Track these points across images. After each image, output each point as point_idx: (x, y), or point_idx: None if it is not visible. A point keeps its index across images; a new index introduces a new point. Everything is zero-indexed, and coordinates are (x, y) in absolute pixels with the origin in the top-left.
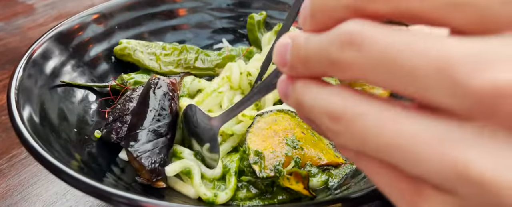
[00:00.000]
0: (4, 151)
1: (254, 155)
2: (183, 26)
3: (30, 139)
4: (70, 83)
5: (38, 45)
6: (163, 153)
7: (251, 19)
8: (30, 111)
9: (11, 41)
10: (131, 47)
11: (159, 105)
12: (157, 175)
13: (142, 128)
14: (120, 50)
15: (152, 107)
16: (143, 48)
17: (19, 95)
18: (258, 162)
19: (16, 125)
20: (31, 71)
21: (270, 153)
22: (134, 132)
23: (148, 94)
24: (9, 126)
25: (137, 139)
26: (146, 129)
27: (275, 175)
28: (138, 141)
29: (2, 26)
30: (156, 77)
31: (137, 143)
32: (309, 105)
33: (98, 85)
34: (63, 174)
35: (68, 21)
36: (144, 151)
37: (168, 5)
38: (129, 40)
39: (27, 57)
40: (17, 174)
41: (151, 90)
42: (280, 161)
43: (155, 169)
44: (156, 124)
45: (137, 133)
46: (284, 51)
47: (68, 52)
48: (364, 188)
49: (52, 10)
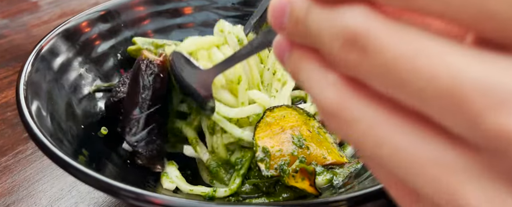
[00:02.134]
0: (10, 147)
1: (262, 152)
2: (188, 25)
3: (39, 133)
4: (97, 89)
5: (46, 41)
6: (159, 138)
7: None
8: (38, 106)
9: (16, 38)
10: (146, 49)
11: (149, 88)
12: (155, 161)
13: (136, 115)
14: (134, 51)
15: (141, 90)
16: (157, 49)
17: (28, 91)
18: (265, 160)
19: (25, 119)
20: (39, 67)
21: (277, 152)
22: (128, 118)
23: (137, 77)
24: (15, 122)
25: (132, 126)
26: (140, 116)
27: (280, 174)
28: (133, 128)
29: (6, 23)
30: (145, 57)
31: (132, 131)
32: (316, 27)
33: None
34: (72, 168)
35: (75, 18)
36: (141, 140)
37: (174, 3)
38: (143, 39)
39: (35, 53)
40: (22, 170)
41: (141, 72)
42: (285, 161)
43: (153, 156)
44: (149, 109)
45: (131, 119)
46: (281, 16)
47: (75, 49)
48: (369, 186)
49: (56, 7)
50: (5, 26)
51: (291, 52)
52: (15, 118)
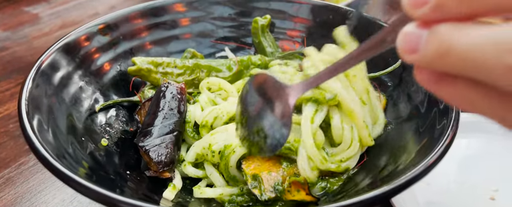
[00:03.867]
0: (12, 158)
1: (252, 180)
2: (186, 35)
3: (41, 149)
4: (104, 105)
5: (46, 56)
6: (170, 147)
7: (255, 23)
8: (39, 121)
9: (17, 50)
10: (146, 69)
11: (168, 106)
12: (163, 166)
13: (153, 126)
14: (134, 71)
15: (162, 107)
16: (157, 68)
17: (29, 106)
18: (257, 186)
19: (27, 134)
20: (40, 82)
21: (267, 175)
22: (145, 129)
23: (159, 96)
24: (17, 134)
25: (147, 135)
26: (156, 127)
27: (276, 195)
28: (148, 137)
29: (8, 36)
30: (167, 82)
31: (146, 139)
32: (464, 48)
33: (127, 99)
34: (73, 182)
35: (75, 32)
36: (152, 145)
37: (171, 15)
38: (141, 59)
39: (36, 68)
40: (25, 182)
41: (162, 93)
42: (278, 181)
43: (161, 161)
44: (165, 122)
45: (148, 130)
46: (415, 42)
47: (75, 63)
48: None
49: (56, 19)
50: (7, 38)
51: (435, 28)
52: (17, 130)
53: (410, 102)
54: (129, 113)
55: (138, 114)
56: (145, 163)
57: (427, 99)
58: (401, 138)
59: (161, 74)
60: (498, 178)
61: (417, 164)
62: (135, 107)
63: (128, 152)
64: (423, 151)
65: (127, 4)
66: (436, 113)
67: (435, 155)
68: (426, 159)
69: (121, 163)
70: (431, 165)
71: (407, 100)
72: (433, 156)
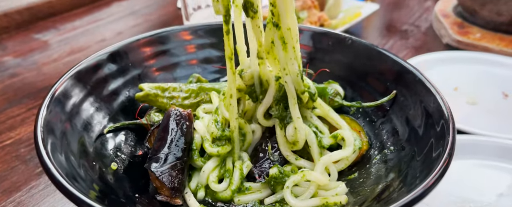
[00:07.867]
0: (23, 182)
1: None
2: (192, 61)
3: (56, 172)
4: (112, 127)
5: (60, 84)
6: (181, 173)
7: None
8: (53, 145)
9: (27, 77)
10: (153, 94)
11: (177, 132)
12: (176, 192)
13: (162, 152)
14: (142, 97)
15: (170, 133)
16: (164, 93)
17: (44, 132)
18: None
19: (42, 159)
20: (54, 108)
21: None
22: (155, 155)
23: (168, 122)
24: (28, 158)
25: (158, 161)
26: (166, 153)
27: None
28: (159, 162)
29: (19, 62)
30: (175, 108)
31: (157, 164)
32: None
33: (134, 122)
34: (85, 205)
35: (86, 60)
36: (165, 171)
37: (177, 42)
38: (149, 84)
39: (51, 95)
40: (36, 205)
41: (171, 119)
42: None
43: (175, 187)
44: (174, 149)
45: (158, 156)
46: None
47: (86, 90)
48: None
49: (65, 45)
50: (18, 65)
51: None
52: (28, 154)
53: (408, 125)
54: (137, 138)
55: (148, 141)
56: (154, 187)
57: (424, 123)
58: (399, 161)
59: (168, 98)
60: (494, 197)
61: (417, 186)
62: (142, 131)
63: (136, 176)
64: (422, 172)
65: (134, 30)
66: (433, 136)
67: (434, 177)
68: (425, 181)
69: (130, 186)
70: (430, 186)
71: (405, 123)
72: (432, 179)
